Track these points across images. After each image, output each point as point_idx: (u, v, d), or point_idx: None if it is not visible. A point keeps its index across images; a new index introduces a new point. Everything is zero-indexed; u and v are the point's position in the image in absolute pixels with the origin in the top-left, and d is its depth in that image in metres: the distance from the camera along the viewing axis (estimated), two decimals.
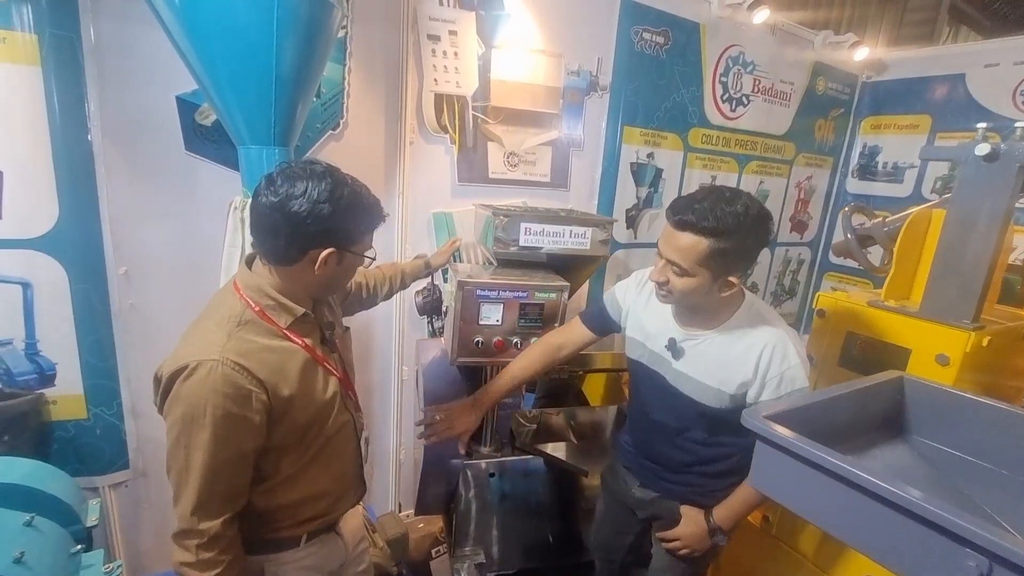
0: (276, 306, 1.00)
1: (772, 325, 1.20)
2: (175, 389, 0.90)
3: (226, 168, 1.73)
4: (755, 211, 1.10)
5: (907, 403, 1.17)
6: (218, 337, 0.93)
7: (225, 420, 0.90)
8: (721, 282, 1.14)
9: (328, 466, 1.11)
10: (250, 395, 0.92)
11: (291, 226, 0.92)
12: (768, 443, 0.94)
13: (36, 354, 1.64)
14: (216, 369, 0.89)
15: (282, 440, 1.00)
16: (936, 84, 2.90)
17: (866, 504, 0.83)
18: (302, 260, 0.96)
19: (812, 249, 3.43)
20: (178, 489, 0.93)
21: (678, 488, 1.38)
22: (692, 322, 1.26)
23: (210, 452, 0.90)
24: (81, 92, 1.54)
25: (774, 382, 1.16)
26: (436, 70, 1.95)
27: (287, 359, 0.99)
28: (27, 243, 1.56)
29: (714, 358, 1.22)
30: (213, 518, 0.93)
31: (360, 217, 0.99)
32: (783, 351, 1.16)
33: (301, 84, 1.41)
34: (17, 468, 1.39)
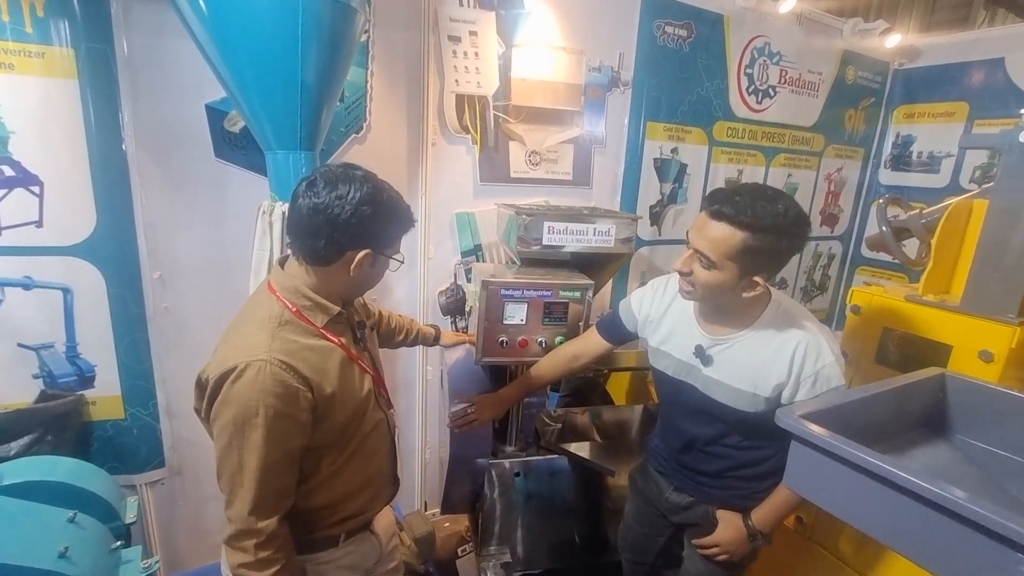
0: (312, 306, 1.01)
1: (803, 323, 1.16)
2: (224, 391, 0.91)
3: (254, 173, 1.76)
4: (794, 214, 1.06)
5: (949, 401, 1.12)
6: (262, 338, 0.94)
7: (276, 419, 0.91)
8: (746, 281, 1.10)
9: (364, 464, 1.12)
10: (298, 393, 0.93)
11: (332, 227, 0.94)
12: (803, 443, 0.91)
13: (76, 357, 1.70)
14: (265, 369, 0.90)
15: (323, 439, 1.01)
16: (973, 69, 2.78)
17: (908, 505, 0.80)
18: (338, 261, 0.98)
19: (843, 243, 3.33)
20: (232, 492, 0.93)
21: (717, 492, 1.33)
22: (718, 325, 1.22)
23: (263, 452, 0.91)
24: (115, 103, 1.59)
25: (809, 381, 1.13)
26: (457, 71, 1.96)
27: (326, 357, 1.01)
28: (67, 250, 1.62)
29: (745, 361, 1.18)
30: (270, 516, 0.94)
31: (396, 221, 1.02)
32: (817, 349, 1.13)
33: (325, 89, 1.43)
34: (61, 467, 1.44)
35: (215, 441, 0.94)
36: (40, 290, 1.61)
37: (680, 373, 1.30)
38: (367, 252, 0.98)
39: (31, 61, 1.49)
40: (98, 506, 1.41)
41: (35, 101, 1.50)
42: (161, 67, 1.63)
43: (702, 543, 1.34)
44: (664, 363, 1.34)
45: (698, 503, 1.38)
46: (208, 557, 1.99)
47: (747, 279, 1.10)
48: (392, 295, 2.12)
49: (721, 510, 1.32)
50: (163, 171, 1.70)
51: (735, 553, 1.29)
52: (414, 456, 2.37)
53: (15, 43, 1.46)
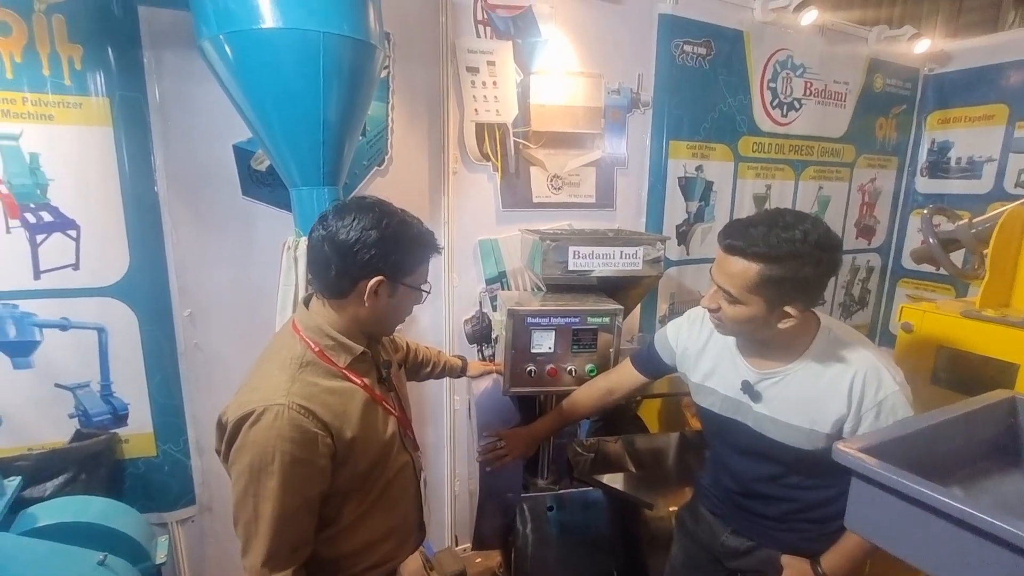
0: (336, 345, 0.99)
1: (859, 350, 1.08)
2: (241, 436, 0.89)
3: (280, 210, 1.79)
4: (815, 238, 0.98)
5: (1021, 426, 1.02)
6: (282, 381, 0.92)
7: (293, 466, 0.88)
8: (778, 313, 1.03)
9: (390, 510, 1.08)
10: (316, 439, 0.91)
11: (339, 255, 0.94)
12: (863, 479, 0.84)
13: (110, 395, 1.72)
14: (283, 414, 0.88)
15: (345, 485, 0.98)
16: (1010, 70, 2.68)
17: (983, 547, 0.72)
18: (353, 292, 0.96)
19: (882, 255, 3.20)
20: (247, 541, 0.91)
21: (781, 535, 1.22)
22: (763, 359, 1.14)
23: (279, 500, 0.88)
24: (148, 147, 1.65)
25: (872, 414, 1.04)
26: (476, 100, 1.97)
27: (348, 400, 0.98)
28: (102, 291, 1.65)
29: (799, 395, 1.10)
30: (284, 568, 0.91)
31: (409, 246, 0.98)
32: (877, 378, 1.04)
33: (347, 126, 1.44)
34: (92, 507, 1.45)
35: (232, 486, 0.92)
36: (76, 330, 1.65)
37: (728, 410, 1.21)
38: (379, 280, 0.95)
39: (69, 111, 1.55)
40: (128, 546, 1.41)
41: (72, 149, 1.56)
42: (190, 111, 1.68)
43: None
44: (709, 400, 1.25)
45: (759, 547, 1.26)
46: None
47: (778, 311, 1.03)
48: (417, 325, 2.11)
49: (786, 556, 1.20)
50: (193, 211, 1.73)
51: None
52: (443, 489, 2.31)
53: (55, 95, 1.53)
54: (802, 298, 1.03)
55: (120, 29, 1.56)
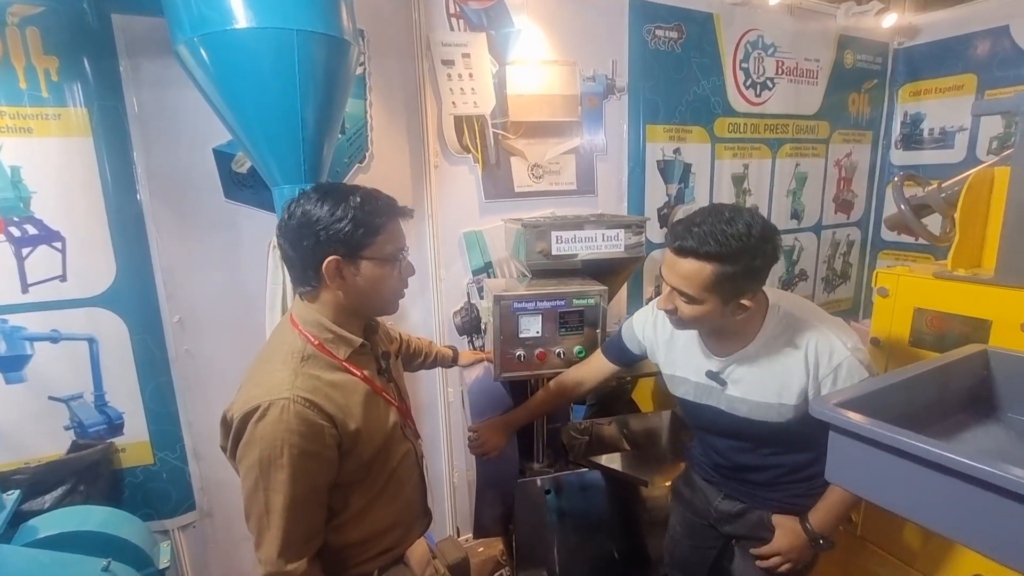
0: (335, 339, 1.00)
1: (809, 322, 1.12)
2: (248, 432, 0.89)
3: (263, 211, 1.80)
4: (758, 230, 1.02)
5: (995, 379, 1.06)
6: (285, 375, 0.93)
7: (302, 458, 0.89)
8: (733, 306, 1.07)
9: (395, 498, 1.10)
10: (323, 430, 0.92)
11: (291, 248, 0.96)
12: (842, 432, 0.87)
13: (105, 405, 1.72)
14: (289, 407, 0.88)
15: (351, 475, 0.99)
16: (977, 40, 2.73)
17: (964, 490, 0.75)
18: (320, 280, 0.96)
19: (861, 228, 3.26)
20: (260, 534, 0.92)
21: (770, 495, 1.27)
22: (724, 344, 1.18)
23: (290, 493, 0.89)
24: (129, 156, 1.65)
25: (829, 380, 1.09)
26: (453, 93, 1.99)
27: (350, 393, 0.99)
28: (90, 301, 1.66)
29: (762, 373, 1.14)
30: (299, 558, 0.92)
31: (351, 217, 0.94)
32: (828, 347, 1.09)
33: (325, 123, 1.45)
34: (93, 516, 1.46)
35: (242, 482, 0.93)
36: (67, 342, 1.65)
37: (701, 396, 1.25)
38: (333, 260, 0.94)
39: (48, 123, 1.55)
40: (132, 553, 1.42)
41: (53, 161, 1.56)
42: (169, 118, 1.68)
43: (761, 552, 1.26)
44: (682, 389, 1.29)
45: (751, 508, 1.31)
46: None
47: (733, 304, 1.06)
48: (408, 319, 2.12)
49: (777, 515, 1.25)
50: (177, 217, 1.74)
51: (798, 561, 1.22)
52: (442, 481, 2.33)
53: (32, 107, 1.53)
54: (753, 287, 1.07)
55: (95, 39, 1.56)
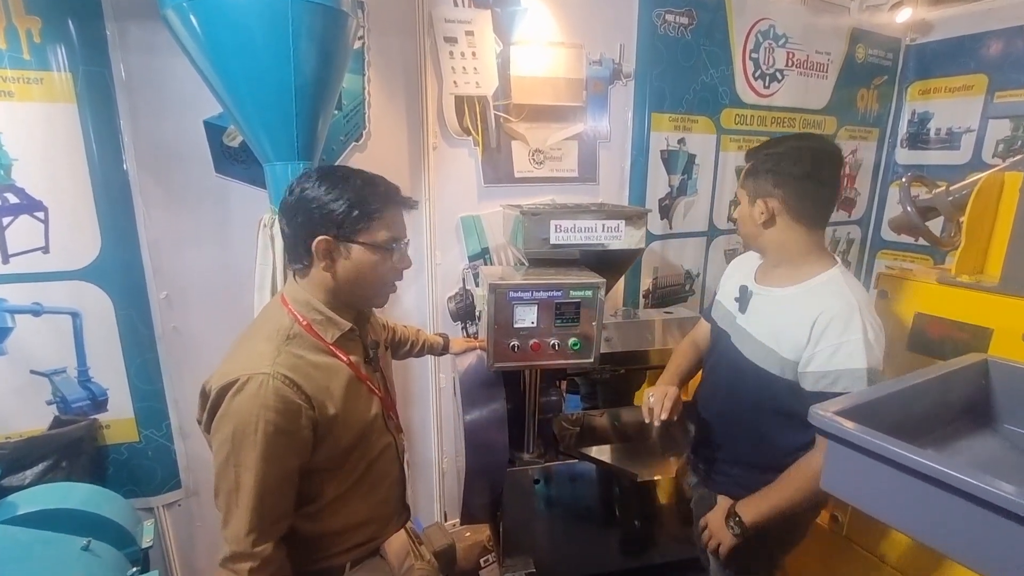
0: (324, 320, 0.98)
1: (848, 297, 1.10)
2: (224, 405, 0.88)
3: (255, 187, 1.75)
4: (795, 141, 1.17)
5: (994, 389, 1.05)
6: (268, 351, 0.91)
7: (276, 436, 0.87)
8: (758, 206, 1.16)
9: (372, 491, 1.08)
10: (300, 410, 0.90)
11: (286, 222, 0.97)
12: (839, 441, 0.85)
13: (88, 381, 1.69)
14: (267, 383, 0.87)
15: (326, 462, 0.97)
16: (990, 40, 2.68)
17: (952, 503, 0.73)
18: (310, 258, 0.96)
19: (862, 227, 3.23)
20: (228, 511, 0.89)
21: (719, 479, 1.36)
22: (771, 276, 1.24)
23: (261, 471, 0.87)
24: (115, 125, 1.59)
25: (826, 352, 1.08)
26: (455, 72, 1.93)
27: (332, 376, 0.97)
28: (74, 274, 1.61)
29: (774, 317, 1.19)
30: (267, 540, 0.90)
31: (348, 199, 0.93)
32: (846, 321, 1.07)
33: (320, 97, 1.40)
34: (75, 493, 1.43)
35: (214, 456, 0.90)
36: (49, 316, 1.61)
37: (722, 320, 1.34)
38: (323, 239, 0.93)
39: (30, 87, 1.49)
40: (113, 532, 1.40)
41: (36, 127, 1.50)
42: (158, 86, 1.62)
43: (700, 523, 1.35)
44: (717, 312, 1.38)
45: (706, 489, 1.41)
46: None
47: (756, 203, 1.17)
48: (401, 304, 2.09)
49: (721, 495, 1.33)
50: (165, 190, 1.69)
51: (716, 535, 1.27)
52: (431, 467, 2.33)
53: (13, 70, 1.46)
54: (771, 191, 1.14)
55: (80, 0, 1.48)
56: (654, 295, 2.53)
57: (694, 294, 2.65)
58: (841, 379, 1.07)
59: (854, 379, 1.06)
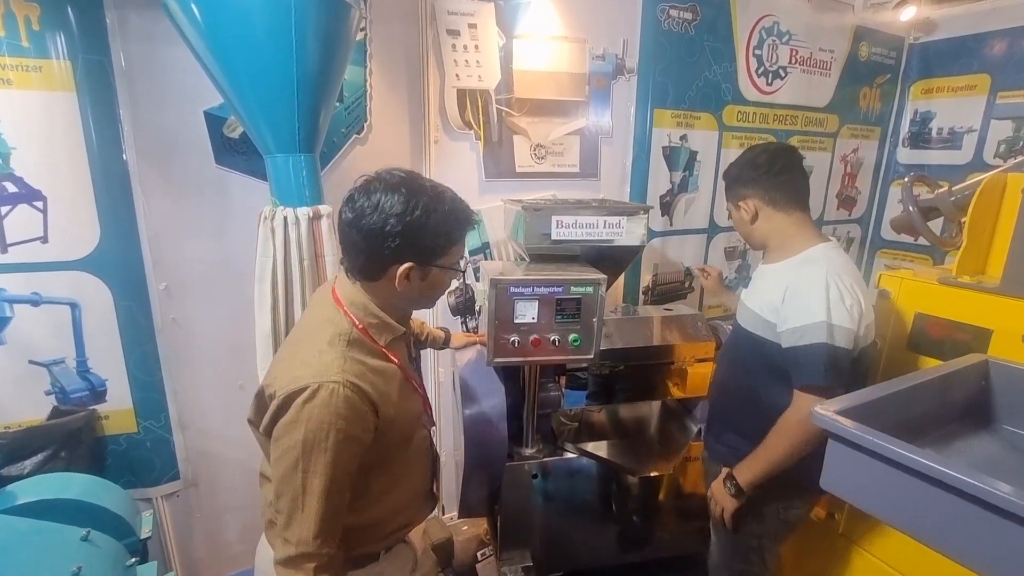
0: (379, 325, 0.99)
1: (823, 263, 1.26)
2: (293, 411, 0.87)
3: (255, 179, 1.74)
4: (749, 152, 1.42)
5: (993, 389, 1.06)
6: (334, 358, 0.91)
7: (345, 443, 0.89)
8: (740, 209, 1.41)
9: (408, 481, 1.11)
10: (366, 416, 0.91)
11: (367, 242, 0.92)
12: (839, 439, 0.85)
13: (87, 371, 1.69)
14: (338, 392, 0.87)
15: (374, 459, 0.98)
16: (994, 40, 2.67)
17: (950, 502, 0.74)
18: (384, 276, 0.95)
19: (862, 226, 3.24)
20: (292, 514, 0.90)
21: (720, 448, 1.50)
22: (767, 260, 1.45)
23: (329, 476, 0.88)
24: (114, 114, 1.58)
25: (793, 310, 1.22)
26: (457, 65, 1.92)
27: (389, 380, 0.99)
28: (73, 264, 1.61)
29: (764, 286, 1.38)
30: (333, 541, 0.92)
31: (438, 228, 0.94)
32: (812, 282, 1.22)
33: (322, 88, 1.39)
34: (74, 484, 1.43)
35: (276, 460, 0.90)
36: (48, 306, 1.60)
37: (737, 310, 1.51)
38: (409, 265, 0.93)
39: (29, 75, 1.48)
40: (112, 522, 1.40)
41: (35, 115, 1.49)
42: (158, 76, 1.61)
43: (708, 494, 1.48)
44: None
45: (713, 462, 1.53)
46: (226, 568, 1.98)
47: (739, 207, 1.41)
48: None
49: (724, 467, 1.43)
50: (165, 180, 1.68)
51: (717, 502, 1.41)
52: None
53: (12, 58, 1.45)
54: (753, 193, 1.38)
55: None
56: (654, 292, 2.53)
57: (693, 291, 2.65)
58: (807, 333, 1.18)
59: (817, 331, 1.17)
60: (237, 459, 1.91)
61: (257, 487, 1.10)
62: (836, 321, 1.16)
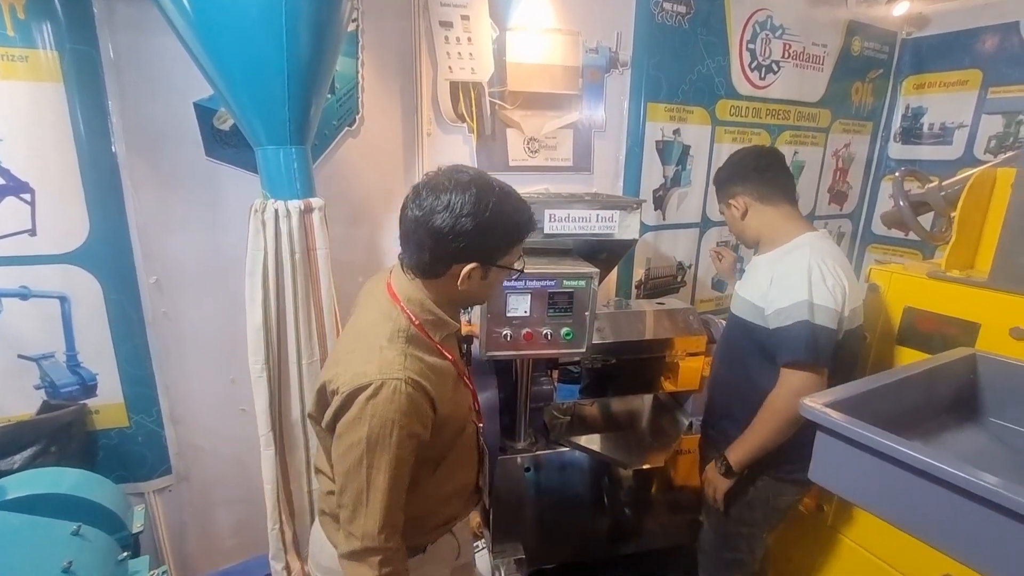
0: (435, 321, 1.00)
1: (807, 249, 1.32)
2: (357, 408, 0.88)
3: (246, 171, 1.72)
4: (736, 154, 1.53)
5: (980, 382, 1.07)
6: (396, 355, 0.92)
7: (408, 439, 0.90)
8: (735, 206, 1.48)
9: (457, 475, 1.12)
10: (426, 413, 0.93)
11: (434, 241, 0.91)
12: (828, 432, 0.86)
13: (77, 365, 1.68)
14: (401, 389, 0.88)
15: (428, 453, 1.00)
16: (986, 35, 2.68)
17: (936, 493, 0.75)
18: (446, 274, 0.96)
19: (853, 221, 3.25)
20: (356, 509, 0.92)
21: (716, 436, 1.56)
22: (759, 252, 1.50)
23: (393, 471, 0.90)
24: (103, 105, 1.56)
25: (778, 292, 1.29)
26: (450, 57, 1.90)
27: (445, 377, 1.00)
28: (62, 257, 1.59)
29: (754, 276, 1.45)
30: (396, 534, 0.94)
31: (505, 229, 0.95)
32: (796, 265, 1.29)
33: (313, 79, 1.38)
34: (65, 478, 1.42)
35: (340, 457, 0.92)
36: (37, 299, 1.59)
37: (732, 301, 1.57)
38: (474, 266, 0.94)
39: (14, 65, 1.45)
40: (103, 517, 1.39)
41: (21, 106, 1.47)
42: (147, 66, 1.59)
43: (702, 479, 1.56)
44: None
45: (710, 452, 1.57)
46: (219, 562, 1.98)
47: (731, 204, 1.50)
48: None
49: None
50: (154, 172, 1.66)
51: (712, 484, 1.47)
52: None
53: None
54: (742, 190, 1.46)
55: None
56: (646, 286, 2.53)
57: (685, 285, 2.66)
58: (791, 313, 1.23)
59: (800, 310, 1.22)
60: (229, 453, 1.91)
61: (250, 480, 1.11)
62: (818, 301, 1.21)
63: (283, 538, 1.61)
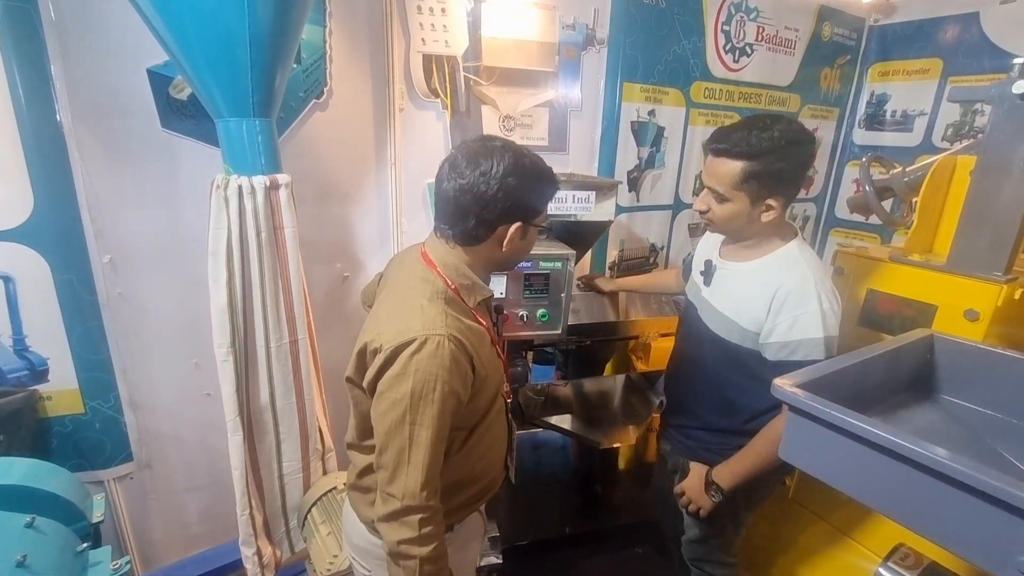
0: (470, 286, 1.01)
1: (805, 270, 1.18)
2: (401, 363, 0.88)
3: (206, 144, 1.62)
4: (791, 135, 1.13)
5: (936, 362, 1.12)
6: (437, 313, 0.93)
7: (450, 396, 0.90)
8: (761, 206, 1.18)
9: (488, 449, 1.11)
10: (467, 372, 0.93)
11: (481, 206, 0.94)
12: (797, 412, 0.89)
13: (25, 349, 1.58)
14: (444, 344, 0.89)
15: (463, 419, 0.99)
16: (948, 25, 2.75)
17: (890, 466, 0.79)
18: (491, 238, 0.98)
19: (818, 205, 3.35)
20: (397, 468, 0.91)
21: (687, 443, 1.44)
22: (735, 252, 1.31)
23: (436, 428, 0.90)
24: (45, 69, 1.44)
25: (785, 324, 1.15)
26: (423, 29, 1.83)
27: (481, 340, 1.00)
28: (4, 235, 1.48)
29: (736, 289, 1.27)
30: (436, 495, 0.94)
31: (543, 186, 1.01)
32: (802, 294, 1.14)
33: (278, 46, 1.30)
34: (15, 468, 1.34)
35: (382, 414, 0.91)
36: None
37: (691, 294, 1.42)
38: (519, 225, 0.98)
39: None
40: (60, 507, 1.33)
41: None
42: (94, 28, 1.47)
43: (676, 489, 1.43)
44: (689, 289, 1.45)
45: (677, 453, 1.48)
46: (186, 550, 1.93)
47: (761, 204, 1.17)
48: (365, 271, 2.03)
49: (693, 462, 1.40)
50: (105, 144, 1.55)
51: (696, 501, 1.36)
52: None
53: None
54: (781, 190, 1.17)
55: None
56: (620, 267, 2.55)
57: (658, 267, 2.69)
58: (800, 348, 1.14)
59: (812, 348, 1.13)
60: (193, 438, 1.85)
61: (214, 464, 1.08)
62: (829, 333, 1.14)
63: (253, 523, 1.58)
